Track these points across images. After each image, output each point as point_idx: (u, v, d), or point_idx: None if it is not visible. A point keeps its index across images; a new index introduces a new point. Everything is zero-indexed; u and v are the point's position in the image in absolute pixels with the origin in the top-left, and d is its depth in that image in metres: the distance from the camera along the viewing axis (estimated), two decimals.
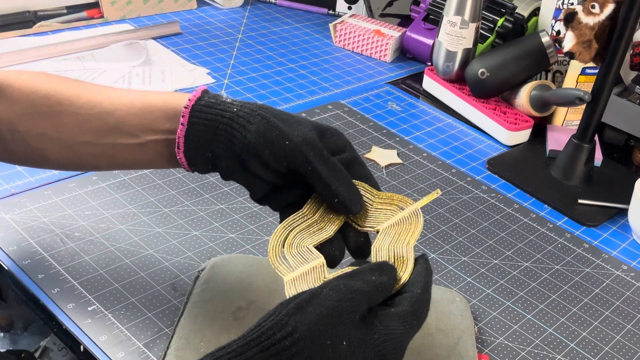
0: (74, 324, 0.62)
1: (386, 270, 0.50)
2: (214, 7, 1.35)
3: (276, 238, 0.54)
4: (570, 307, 0.74)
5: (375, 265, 0.51)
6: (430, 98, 1.15)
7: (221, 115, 0.54)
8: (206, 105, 0.55)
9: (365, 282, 0.48)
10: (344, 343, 0.44)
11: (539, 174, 0.97)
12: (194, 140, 0.55)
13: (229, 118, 0.54)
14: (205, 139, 0.55)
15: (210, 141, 0.55)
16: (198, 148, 0.55)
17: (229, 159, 0.54)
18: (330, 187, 0.53)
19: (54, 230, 0.72)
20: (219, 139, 0.54)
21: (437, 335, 0.64)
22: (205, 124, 0.54)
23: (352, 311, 0.45)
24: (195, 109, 0.55)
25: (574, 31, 0.87)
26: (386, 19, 1.37)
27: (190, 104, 0.55)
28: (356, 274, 0.49)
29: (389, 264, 0.52)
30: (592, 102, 0.90)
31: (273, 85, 1.10)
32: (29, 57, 1.04)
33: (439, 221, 0.84)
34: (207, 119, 0.54)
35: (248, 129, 0.53)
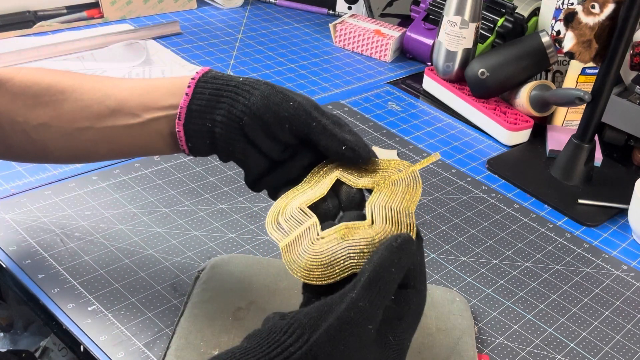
0: (74, 324, 0.62)
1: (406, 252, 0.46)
2: (214, 7, 1.35)
3: (274, 210, 0.53)
4: (570, 307, 0.74)
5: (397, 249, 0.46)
6: (430, 98, 1.15)
7: (227, 84, 0.55)
8: (213, 77, 0.56)
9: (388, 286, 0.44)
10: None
11: (539, 174, 0.97)
12: (196, 110, 0.55)
13: (235, 86, 0.55)
14: (208, 107, 0.55)
15: (212, 109, 0.54)
16: (198, 118, 0.55)
17: (228, 126, 0.54)
18: (336, 136, 0.53)
19: (54, 230, 0.72)
20: (221, 106, 0.54)
21: (437, 335, 0.64)
22: (210, 92, 0.55)
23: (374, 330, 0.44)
24: (202, 80, 0.56)
25: (574, 31, 0.87)
26: (386, 19, 1.37)
27: (197, 76, 0.56)
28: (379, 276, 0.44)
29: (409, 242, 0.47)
30: (592, 102, 0.90)
31: None
32: (29, 57, 1.04)
33: (439, 221, 0.84)
34: (213, 88, 0.55)
35: (252, 93, 0.54)
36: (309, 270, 0.47)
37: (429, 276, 0.75)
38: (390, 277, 0.44)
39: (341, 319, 0.42)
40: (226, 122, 0.54)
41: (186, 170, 0.85)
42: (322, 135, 0.53)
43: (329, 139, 0.53)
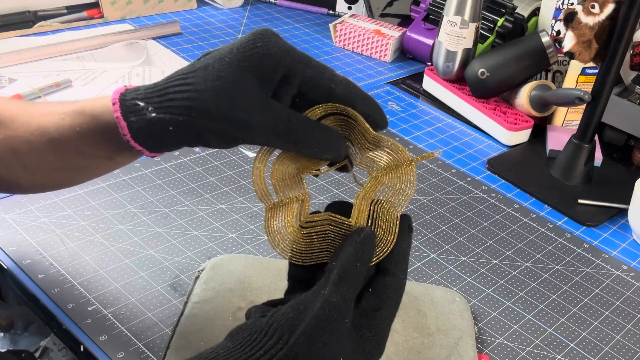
0: (74, 324, 0.62)
1: (368, 246, 0.47)
2: (214, 7, 1.35)
3: (264, 164, 0.50)
4: (570, 307, 0.74)
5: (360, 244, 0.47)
6: (430, 98, 1.15)
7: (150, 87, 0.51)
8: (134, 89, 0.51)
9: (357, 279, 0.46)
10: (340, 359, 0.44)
11: (539, 174, 0.97)
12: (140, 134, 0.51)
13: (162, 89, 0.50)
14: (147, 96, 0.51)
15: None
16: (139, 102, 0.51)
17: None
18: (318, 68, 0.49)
19: (54, 230, 0.72)
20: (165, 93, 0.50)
21: (437, 335, 0.64)
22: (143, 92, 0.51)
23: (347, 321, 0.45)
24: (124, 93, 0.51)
25: (574, 31, 0.87)
26: (386, 19, 1.37)
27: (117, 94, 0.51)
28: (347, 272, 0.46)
29: (370, 237, 0.48)
30: (592, 102, 0.90)
31: None
32: (29, 57, 1.04)
33: (439, 221, 0.84)
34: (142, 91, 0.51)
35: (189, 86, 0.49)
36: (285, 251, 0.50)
37: (429, 276, 0.75)
38: (357, 270, 0.46)
39: (317, 318, 0.44)
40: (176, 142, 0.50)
41: (186, 170, 0.85)
42: (306, 69, 0.49)
43: (313, 73, 0.49)
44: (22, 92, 0.94)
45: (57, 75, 1.01)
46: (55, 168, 0.57)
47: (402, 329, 0.64)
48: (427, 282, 0.73)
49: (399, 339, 0.63)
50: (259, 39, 0.48)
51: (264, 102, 0.48)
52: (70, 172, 0.58)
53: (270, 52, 0.47)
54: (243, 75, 0.47)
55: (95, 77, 1.03)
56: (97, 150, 0.54)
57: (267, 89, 0.48)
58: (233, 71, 0.47)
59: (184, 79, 0.49)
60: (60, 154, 0.55)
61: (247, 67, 0.47)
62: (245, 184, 0.84)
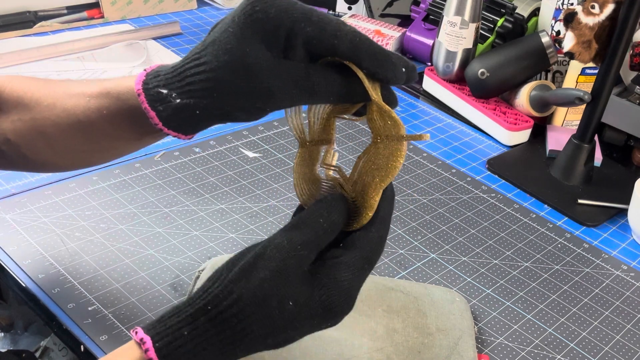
0: (74, 324, 0.62)
1: (336, 208, 0.48)
2: (214, 7, 1.35)
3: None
4: (570, 307, 0.74)
5: (325, 203, 0.48)
6: (430, 98, 1.15)
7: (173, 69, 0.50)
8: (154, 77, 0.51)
9: (312, 230, 0.46)
10: (290, 303, 0.44)
11: (539, 174, 0.97)
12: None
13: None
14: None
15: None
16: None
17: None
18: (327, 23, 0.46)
19: (54, 230, 0.72)
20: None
21: (437, 335, 0.64)
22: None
23: (298, 267, 0.45)
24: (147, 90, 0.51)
25: (574, 31, 0.87)
26: (386, 19, 1.37)
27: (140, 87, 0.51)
28: (303, 221, 0.47)
29: (339, 200, 0.48)
30: (592, 102, 0.90)
31: None
32: (30, 57, 1.04)
33: (439, 221, 0.84)
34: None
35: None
36: (302, 193, 0.53)
37: (429, 276, 0.75)
38: (315, 222, 0.46)
39: (256, 255, 0.45)
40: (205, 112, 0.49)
41: (186, 170, 0.85)
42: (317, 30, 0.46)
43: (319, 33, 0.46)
44: None
45: (57, 76, 1.01)
46: (82, 150, 0.57)
47: (402, 329, 0.64)
48: (427, 282, 0.74)
49: (399, 339, 0.63)
50: (258, 2, 0.46)
51: (278, 65, 0.46)
52: (97, 152, 0.58)
53: (268, 15, 0.46)
54: (249, 44, 0.46)
55: (95, 77, 1.03)
56: (125, 132, 0.54)
57: (276, 51, 0.46)
58: (239, 42, 0.46)
59: (198, 59, 0.48)
60: (87, 136, 0.55)
61: (251, 34, 0.46)
62: (245, 184, 0.85)
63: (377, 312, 0.66)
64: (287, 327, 0.45)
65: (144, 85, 0.50)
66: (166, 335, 0.44)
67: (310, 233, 0.46)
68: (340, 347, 0.61)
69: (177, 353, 0.43)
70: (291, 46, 0.46)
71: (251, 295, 0.44)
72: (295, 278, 0.45)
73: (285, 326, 0.45)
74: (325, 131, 0.52)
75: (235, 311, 0.43)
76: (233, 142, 0.92)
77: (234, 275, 0.44)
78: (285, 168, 0.89)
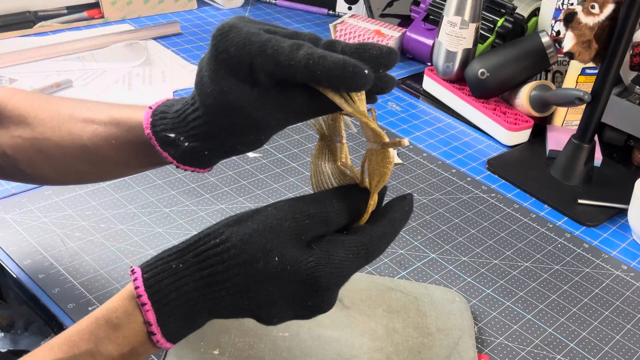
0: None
1: (349, 197, 0.48)
2: (214, 7, 1.35)
3: None
4: (570, 307, 0.74)
5: (343, 189, 0.49)
6: (430, 98, 1.15)
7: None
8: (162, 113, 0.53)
9: (320, 205, 0.47)
10: (275, 259, 0.44)
11: (539, 174, 0.97)
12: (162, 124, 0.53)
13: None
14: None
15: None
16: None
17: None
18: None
19: (55, 230, 0.72)
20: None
21: (437, 335, 0.64)
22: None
23: (294, 231, 0.45)
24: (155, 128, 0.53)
25: (574, 31, 0.87)
26: (386, 19, 1.37)
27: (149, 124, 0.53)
28: (317, 199, 0.47)
29: (355, 190, 0.49)
30: (592, 102, 0.90)
31: None
32: (30, 57, 1.04)
33: (439, 221, 0.84)
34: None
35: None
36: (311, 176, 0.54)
37: (429, 276, 0.75)
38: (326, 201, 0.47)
39: (254, 210, 0.46)
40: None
41: None
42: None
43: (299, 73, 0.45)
44: None
45: (57, 76, 1.01)
46: (83, 171, 0.58)
47: (402, 329, 0.64)
48: (427, 282, 0.74)
49: (399, 339, 0.63)
50: (219, 43, 0.47)
51: (257, 96, 0.47)
52: (98, 175, 0.60)
53: (229, 53, 0.46)
54: (225, 84, 0.47)
55: (95, 77, 1.03)
56: (132, 161, 0.56)
57: (251, 83, 0.47)
58: (215, 84, 0.48)
59: (193, 103, 0.51)
60: (91, 161, 0.57)
61: (224, 74, 0.47)
62: (245, 184, 0.85)
63: (377, 312, 0.66)
64: (269, 284, 0.45)
65: (152, 128, 0.52)
66: (155, 267, 0.45)
67: (316, 207, 0.46)
68: (340, 347, 0.61)
69: (162, 284, 0.44)
70: (258, 78, 0.46)
71: (239, 239, 0.44)
72: (287, 239, 0.45)
73: (267, 281, 0.45)
74: (336, 127, 0.53)
75: (220, 250, 0.44)
76: None
77: (228, 220, 0.46)
78: (285, 168, 0.89)
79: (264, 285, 0.45)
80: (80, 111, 0.57)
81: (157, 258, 0.46)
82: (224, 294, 0.45)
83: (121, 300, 0.45)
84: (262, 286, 0.45)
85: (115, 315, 0.45)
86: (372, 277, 0.71)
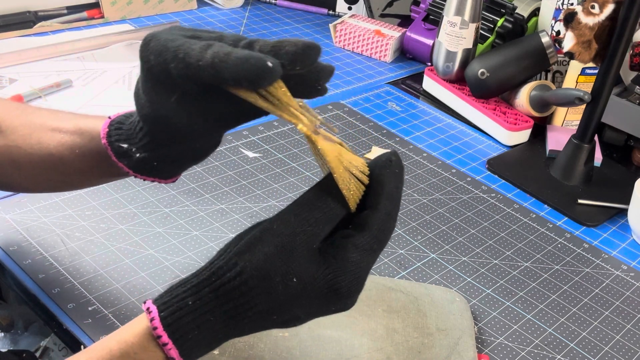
0: (74, 324, 0.62)
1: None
2: (214, 7, 1.35)
3: None
4: (570, 307, 0.74)
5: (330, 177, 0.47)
6: (430, 98, 1.15)
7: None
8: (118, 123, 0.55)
9: (323, 206, 0.45)
10: (294, 280, 0.44)
11: (539, 174, 0.97)
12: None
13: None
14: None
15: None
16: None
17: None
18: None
19: (55, 230, 0.72)
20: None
21: (437, 335, 0.64)
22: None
23: (305, 244, 0.44)
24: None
25: (574, 31, 0.87)
26: (386, 19, 1.37)
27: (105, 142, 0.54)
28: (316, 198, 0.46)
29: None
30: (592, 102, 0.90)
31: None
32: (29, 57, 1.04)
33: (439, 221, 0.84)
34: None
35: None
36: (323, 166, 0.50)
37: (429, 276, 0.75)
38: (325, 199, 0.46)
39: (263, 229, 0.45)
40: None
41: (186, 170, 0.85)
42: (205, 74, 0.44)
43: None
44: (23, 93, 0.94)
45: (57, 76, 1.01)
46: (52, 179, 0.59)
47: (402, 328, 0.64)
48: (427, 282, 0.74)
49: (399, 339, 0.63)
50: (142, 53, 0.48)
51: (183, 105, 0.48)
52: (67, 184, 0.61)
53: (150, 62, 0.47)
54: (154, 94, 0.48)
55: (95, 78, 1.03)
56: (96, 170, 0.57)
57: (173, 91, 0.47)
58: (147, 95, 0.49)
59: (136, 114, 0.52)
60: (58, 170, 0.57)
61: (151, 85, 0.48)
62: (245, 184, 0.85)
63: (377, 312, 0.66)
64: (292, 305, 0.45)
65: (108, 138, 0.54)
66: (171, 305, 0.44)
67: (319, 207, 0.45)
68: (340, 347, 0.61)
69: (181, 322, 0.44)
70: (177, 84, 0.47)
71: (254, 268, 0.43)
72: (301, 255, 0.44)
73: (289, 303, 0.44)
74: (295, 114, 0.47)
75: (238, 283, 0.44)
76: (233, 142, 0.92)
77: (239, 248, 0.44)
78: (285, 168, 0.89)
79: (287, 306, 0.45)
80: (51, 121, 0.58)
81: (171, 295, 0.45)
82: (247, 321, 0.45)
83: (137, 336, 0.45)
84: (285, 307, 0.45)
85: (132, 350, 0.44)
86: (372, 277, 0.71)
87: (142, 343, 0.44)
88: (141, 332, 0.45)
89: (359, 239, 0.46)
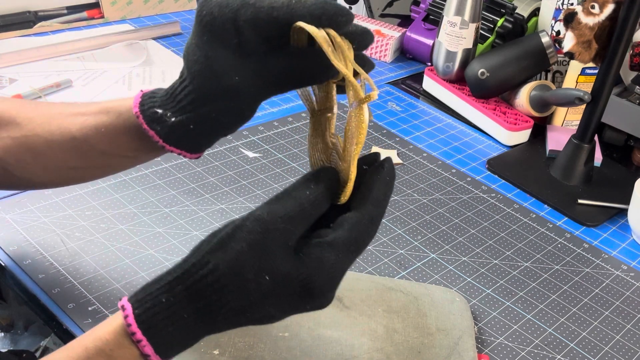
0: (74, 324, 0.62)
1: (323, 178, 0.47)
2: None
3: None
4: (570, 307, 0.74)
5: (311, 174, 0.48)
6: (430, 98, 1.15)
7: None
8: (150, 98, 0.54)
9: (297, 202, 0.45)
10: (266, 277, 0.44)
11: (539, 174, 0.97)
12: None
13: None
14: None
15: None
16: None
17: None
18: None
19: (55, 230, 0.72)
20: None
21: (437, 335, 0.64)
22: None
23: (278, 241, 0.44)
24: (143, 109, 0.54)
25: (574, 31, 0.87)
26: (386, 19, 1.37)
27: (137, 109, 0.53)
28: (288, 193, 0.46)
29: (326, 169, 0.48)
30: (592, 102, 0.90)
31: None
32: (30, 57, 1.04)
33: (439, 221, 0.84)
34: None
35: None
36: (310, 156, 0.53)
37: (429, 276, 0.75)
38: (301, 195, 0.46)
39: (236, 227, 0.44)
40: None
41: (186, 170, 0.85)
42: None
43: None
44: (23, 93, 0.94)
45: (57, 76, 1.01)
46: (74, 167, 0.58)
47: (402, 328, 0.64)
48: (427, 282, 0.74)
49: (399, 339, 0.63)
50: (203, 6, 0.48)
51: (238, 62, 0.48)
52: (89, 170, 0.59)
53: (213, 14, 0.47)
54: (209, 49, 0.48)
55: (95, 78, 1.03)
56: (121, 150, 0.56)
57: (233, 48, 0.48)
58: (200, 50, 0.49)
59: (181, 77, 0.51)
60: (81, 153, 0.56)
61: (208, 39, 0.48)
62: (245, 184, 0.85)
63: (377, 312, 0.66)
64: (264, 303, 0.45)
65: (140, 107, 0.53)
66: (145, 302, 0.44)
67: (294, 206, 0.45)
68: (340, 347, 0.61)
69: (155, 319, 0.44)
70: (244, 38, 0.47)
71: (226, 266, 0.44)
72: (274, 252, 0.44)
73: (261, 300, 0.44)
74: (328, 98, 0.52)
75: (211, 281, 0.44)
76: (233, 142, 0.92)
77: (212, 246, 0.45)
78: (285, 168, 0.89)
79: (259, 304, 0.45)
80: (70, 108, 0.57)
81: (145, 292, 0.45)
82: (221, 318, 0.45)
83: (112, 333, 0.45)
84: (258, 305, 0.45)
85: (108, 347, 0.44)
86: (372, 277, 0.71)
87: (117, 340, 0.44)
88: (116, 329, 0.45)
89: (337, 239, 0.45)
